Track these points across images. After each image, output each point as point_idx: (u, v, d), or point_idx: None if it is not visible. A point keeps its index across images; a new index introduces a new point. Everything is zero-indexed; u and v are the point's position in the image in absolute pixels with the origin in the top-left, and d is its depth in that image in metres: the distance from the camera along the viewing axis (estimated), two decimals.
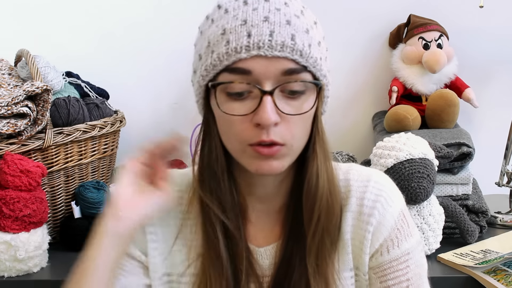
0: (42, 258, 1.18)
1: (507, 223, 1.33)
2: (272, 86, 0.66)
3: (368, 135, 1.61)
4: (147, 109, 1.61)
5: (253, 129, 0.66)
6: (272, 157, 0.68)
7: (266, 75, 0.65)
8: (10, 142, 1.17)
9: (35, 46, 1.38)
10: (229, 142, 0.71)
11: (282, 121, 0.67)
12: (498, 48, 1.55)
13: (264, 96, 0.65)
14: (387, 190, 0.78)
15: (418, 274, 0.78)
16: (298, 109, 0.68)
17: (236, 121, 0.67)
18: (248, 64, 0.65)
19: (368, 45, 1.58)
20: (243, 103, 0.67)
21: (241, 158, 0.70)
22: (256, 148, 0.67)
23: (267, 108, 0.65)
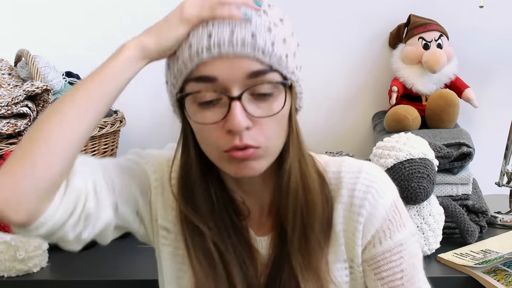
0: (42, 258, 1.18)
1: (507, 223, 1.33)
2: (239, 91, 0.66)
3: (368, 135, 1.61)
4: (147, 109, 1.61)
5: (226, 135, 0.67)
6: (248, 159, 0.68)
7: (231, 80, 0.65)
8: (10, 142, 1.17)
9: (35, 46, 1.38)
10: (206, 150, 0.71)
11: (254, 124, 0.67)
12: (498, 48, 1.55)
13: (233, 102, 0.65)
14: (379, 181, 0.78)
15: (412, 264, 0.78)
16: (268, 110, 0.68)
17: (209, 130, 0.68)
18: (212, 70, 0.65)
19: (368, 45, 1.58)
20: (214, 110, 0.67)
21: (220, 164, 0.71)
22: (231, 153, 0.67)
23: (236, 114, 0.65)
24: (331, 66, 1.58)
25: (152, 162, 0.81)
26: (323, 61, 1.57)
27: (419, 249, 0.81)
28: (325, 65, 1.57)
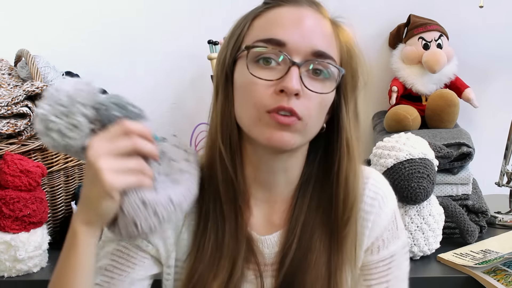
0: (42, 258, 1.18)
1: (507, 223, 1.33)
2: (301, 60, 0.70)
3: (368, 135, 1.61)
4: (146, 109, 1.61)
5: (275, 96, 0.69)
6: (287, 128, 0.69)
7: (298, 49, 0.70)
8: (10, 142, 1.17)
9: (35, 46, 1.38)
10: (246, 109, 0.72)
11: (303, 96, 0.70)
12: (498, 48, 1.55)
13: (293, 67, 0.69)
14: (384, 190, 0.82)
15: (398, 277, 0.81)
16: (320, 89, 0.71)
17: (260, 86, 0.70)
18: (284, 35, 0.70)
19: (368, 45, 1.57)
20: (270, 71, 0.70)
21: (255, 127, 0.71)
22: (273, 115, 0.69)
23: (293, 76, 0.68)
24: None
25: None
26: None
27: (406, 263, 0.83)
28: None
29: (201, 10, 1.54)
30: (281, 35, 0.70)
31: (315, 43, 0.70)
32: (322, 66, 0.71)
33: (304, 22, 0.71)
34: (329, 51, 0.72)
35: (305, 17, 0.72)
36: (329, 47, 0.72)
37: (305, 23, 0.71)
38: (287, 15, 0.72)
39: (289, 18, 0.71)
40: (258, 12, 0.74)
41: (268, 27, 0.72)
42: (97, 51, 1.59)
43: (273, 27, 0.71)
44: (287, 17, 0.71)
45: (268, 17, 0.73)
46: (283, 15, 0.72)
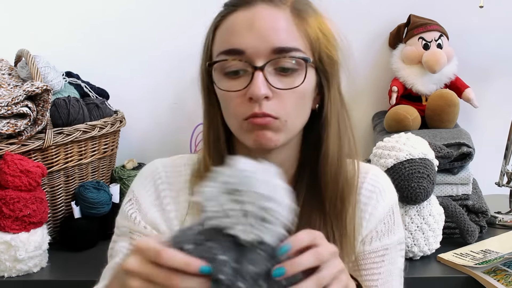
0: (42, 258, 1.18)
1: (507, 223, 1.33)
2: (263, 63, 0.70)
3: (368, 135, 1.61)
4: (147, 109, 1.61)
5: (247, 104, 0.71)
6: (266, 127, 0.71)
7: (257, 52, 0.70)
8: (10, 142, 1.17)
9: (35, 46, 1.38)
10: (229, 120, 0.75)
11: (275, 97, 0.71)
12: (498, 48, 1.55)
13: (256, 72, 0.70)
14: (384, 184, 0.83)
15: (390, 271, 0.81)
16: (289, 84, 0.72)
17: (232, 98, 0.72)
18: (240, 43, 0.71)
19: (368, 45, 1.58)
20: (238, 81, 0.72)
21: (240, 134, 0.74)
22: (250, 120, 0.71)
23: (257, 81, 0.69)
24: None
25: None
26: None
27: (401, 259, 0.84)
28: None
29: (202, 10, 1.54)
30: (238, 43, 0.71)
31: (272, 41, 0.70)
32: (286, 61, 0.71)
33: (257, 23, 0.71)
34: (290, 43, 0.71)
35: (257, 18, 0.71)
36: (289, 39, 0.72)
37: (258, 24, 0.71)
38: (239, 21, 0.72)
39: (242, 24, 0.72)
40: (217, 21, 0.75)
41: (226, 37, 0.73)
42: (97, 51, 1.59)
43: (230, 37, 0.72)
44: (240, 23, 0.72)
45: (225, 26, 0.74)
46: (236, 21, 0.72)
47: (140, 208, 0.81)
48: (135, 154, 1.58)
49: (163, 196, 0.81)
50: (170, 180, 0.82)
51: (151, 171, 0.84)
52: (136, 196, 0.82)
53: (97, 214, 1.30)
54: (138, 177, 0.85)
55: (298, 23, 0.73)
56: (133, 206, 0.82)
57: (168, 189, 0.81)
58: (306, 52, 0.73)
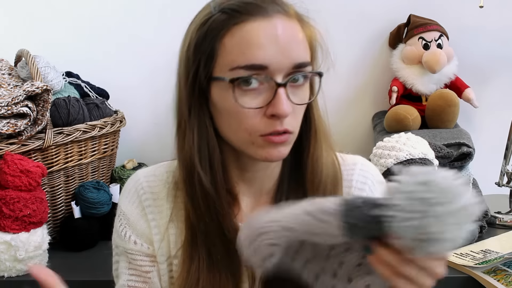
0: (42, 258, 1.18)
1: (507, 223, 1.33)
2: (283, 78, 0.68)
3: (368, 135, 1.61)
4: (147, 109, 1.61)
5: (266, 120, 0.69)
6: (282, 144, 0.70)
7: (280, 68, 0.68)
8: (10, 142, 1.17)
9: (35, 46, 1.38)
10: (234, 134, 0.71)
11: (292, 112, 0.70)
12: (498, 48, 1.55)
13: (279, 88, 0.68)
14: (374, 174, 0.83)
15: None
16: (303, 98, 0.71)
17: (248, 114, 0.68)
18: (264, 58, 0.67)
19: (368, 45, 1.58)
20: (254, 94, 0.68)
21: (248, 149, 0.71)
22: (268, 137, 0.69)
23: (283, 99, 0.67)
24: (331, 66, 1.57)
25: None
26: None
27: None
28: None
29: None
30: (261, 58, 0.66)
31: (294, 57, 0.68)
32: (301, 76, 0.70)
33: (280, 36, 0.67)
34: (306, 57, 0.70)
35: (279, 30, 0.68)
36: (305, 53, 0.71)
37: (281, 37, 0.67)
38: (260, 32, 0.67)
39: (264, 36, 0.67)
40: (227, 28, 0.69)
41: (244, 50, 0.67)
42: (97, 51, 1.59)
43: (250, 50, 0.67)
44: (261, 35, 0.67)
45: (241, 36, 0.67)
46: (256, 33, 0.67)
47: (129, 222, 0.81)
48: (135, 154, 1.58)
49: (147, 205, 0.81)
50: (153, 190, 0.82)
51: (133, 183, 0.83)
52: (123, 211, 0.82)
53: (97, 214, 1.30)
54: (122, 191, 0.85)
55: (305, 34, 0.72)
56: (122, 222, 0.82)
57: (151, 198, 0.81)
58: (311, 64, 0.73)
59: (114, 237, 0.84)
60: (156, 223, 0.81)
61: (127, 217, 0.82)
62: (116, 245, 0.84)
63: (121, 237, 0.82)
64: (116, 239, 0.83)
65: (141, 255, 0.81)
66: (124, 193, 0.84)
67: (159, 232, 0.80)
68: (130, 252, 0.81)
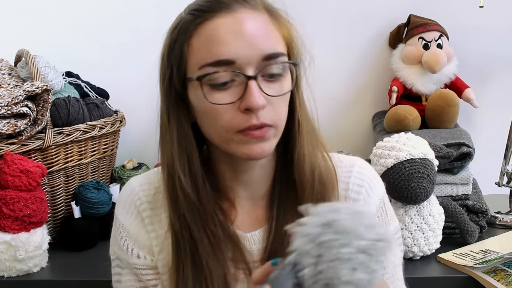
0: (42, 258, 1.18)
1: (507, 223, 1.33)
2: (254, 71, 0.68)
3: (368, 135, 1.61)
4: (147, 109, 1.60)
5: (241, 115, 0.68)
6: (262, 139, 0.69)
7: (248, 61, 0.67)
8: (10, 142, 1.17)
9: (35, 46, 1.38)
10: (214, 133, 0.71)
11: (268, 104, 0.69)
12: (498, 48, 1.55)
13: (249, 81, 0.67)
14: (371, 176, 0.81)
15: (393, 263, 0.80)
16: (280, 90, 0.70)
17: (222, 110, 0.68)
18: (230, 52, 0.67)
19: (368, 45, 1.58)
20: (227, 92, 0.68)
21: (228, 147, 0.71)
22: (246, 132, 0.69)
23: (254, 92, 0.67)
24: (331, 66, 1.58)
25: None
26: (323, 61, 1.57)
27: (400, 247, 0.83)
28: (325, 65, 1.57)
29: None
30: (227, 53, 0.66)
31: (262, 48, 0.67)
32: (274, 67, 0.69)
33: (244, 29, 0.67)
34: (277, 47, 0.69)
35: (243, 24, 0.67)
36: (275, 43, 0.70)
37: (246, 30, 0.67)
38: (225, 28, 0.67)
39: (229, 31, 0.67)
40: (192, 29, 0.70)
41: (211, 47, 0.67)
42: (97, 51, 1.59)
43: (216, 46, 0.67)
44: (226, 31, 0.67)
45: (207, 34, 0.68)
46: (221, 28, 0.67)
47: (129, 234, 0.80)
48: (135, 154, 1.58)
49: (145, 216, 0.80)
50: (149, 199, 0.80)
51: (129, 193, 0.82)
52: (122, 224, 0.81)
53: (97, 214, 1.30)
54: (119, 202, 0.83)
55: (276, 25, 0.71)
56: (122, 234, 0.81)
57: (149, 208, 0.80)
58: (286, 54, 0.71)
59: (114, 249, 0.83)
60: (155, 234, 0.79)
61: (126, 230, 0.80)
62: (117, 256, 0.82)
63: (124, 251, 0.80)
64: (117, 251, 0.82)
65: (146, 268, 0.80)
66: (120, 204, 0.82)
67: (158, 243, 0.79)
68: (136, 267, 0.80)
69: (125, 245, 0.80)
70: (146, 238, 0.79)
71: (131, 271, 0.80)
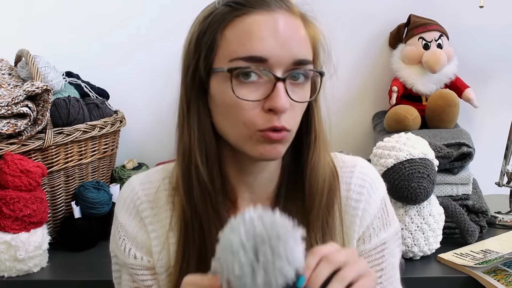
0: (42, 258, 1.18)
1: (507, 223, 1.33)
2: (283, 73, 0.68)
3: (368, 135, 1.61)
4: (147, 109, 1.61)
5: (264, 115, 0.68)
6: (280, 141, 0.69)
7: (280, 62, 0.67)
8: (10, 142, 1.17)
9: (35, 46, 1.38)
10: (232, 128, 0.70)
11: (290, 109, 0.69)
12: (498, 48, 1.55)
13: (278, 83, 0.67)
14: (372, 177, 0.81)
15: (392, 264, 0.80)
16: (303, 97, 0.70)
17: (247, 106, 0.68)
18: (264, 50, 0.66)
19: (368, 45, 1.58)
20: (252, 87, 0.68)
21: (245, 144, 0.70)
22: (266, 133, 0.68)
23: (281, 93, 0.67)
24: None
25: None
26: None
27: (399, 248, 0.83)
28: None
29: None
30: (261, 50, 0.66)
31: (295, 53, 0.68)
32: (302, 73, 0.69)
33: (281, 30, 0.67)
34: (307, 55, 0.70)
35: (280, 24, 0.68)
36: (306, 51, 0.70)
37: (282, 32, 0.67)
38: (262, 25, 0.67)
39: (265, 29, 0.67)
40: (228, 20, 0.69)
41: (245, 41, 0.67)
42: (97, 51, 1.59)
43: (251, 41, 0.67)
44: (263, 28, 0.67)
45: (243, 28, 0.68)
46: (258, 25, 0.67)
47: (128, 234, 0.80)
48: (135, 154, 1.58)
49: (145, 216, 0.79)
50: (149, 198, 0.80)
51: (129, 192, 0.81)
52: (121, 223, 0.81)
53: (97, 214, 1.30)
54: (118, 201, 0.83)
55: (308, 33, 0.72)
56: (120, 234, 0.80)
57: (149, 208, 0.79)
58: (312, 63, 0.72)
59: (112, 247, 0.83)
60: (156, 234, 0.79)
61: (125, 229, 0.80)
62: (115, 255, 0.83)
63: (121, 251, 0.80)
64: (115, 250, 0.82)
65: (142, 269, 0.79)
66: (120, 203, 0.82)
67: (159, 243, 0.79)
68: (131, 267, 0.80)
69: (122, 245, 0.80)
70: (145, 238, 0.79)
71: (127, 271, 0.81)
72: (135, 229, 0.80)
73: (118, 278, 0.83)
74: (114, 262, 0.84)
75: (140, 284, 0.80)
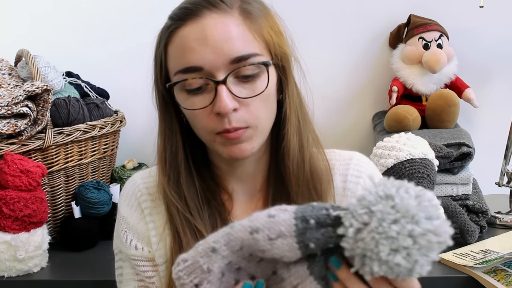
0: (42, 258, 1.18)
1: (507, 223, 1.33)
2: (223, 75, 0.69)
3: (368, 135, 1.61)
4: (147, 109, 1.60)
5: (216, 119, 0.70)
6: (239, 139, 0.71)
7: (216, 66, 0.69)
8: (10, 142, 1.17)
9: (35, 46, 1.38)
10: (200, 134, 0.75)
11: (242, 106, 0.70)
12: (498, 48, 1.55)
13: (218, 86, 0.69)
14: (368, 168, 0.83)
15: None
16: (253, 91, 0.71)
17: (200, 114, 0.71)
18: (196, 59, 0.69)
19: (368, 45, 1.58)
20: (202, 96, 0.71)
21: (213, 147, 0.74)
22: (223, 135, 0.71)
23: (222, 97, 0.68)
24: (331, 66, 1.58)
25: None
26: (323, 61, 1.57)
27: None
28: (325, 65, 1.57)
29: None
30: (194, 60, 0.69)
31: (228, 53, 0.68)
32: (246, 69, 0.69)
33: (209, 36, 0.68)
34: (247, 49, 0.70)
35: (208, 30, 0.69)
36: (246, 46, 0.70)
37: (210, 36, 0.68)
38: (191, 36, 0.69)
39: (194, 39, 0.69)
40: (167, 37, 0.72)
41: (180, 55, 0.70)
42: (97, 51, 1.59)
43: (184, 54, 0.69)
44: (192, 38, 0.69)
45: (177, 43, 0.71)
46: (188, 36, 0.69)
47: (129, 226, 0.82)
48: (135, 154, 1.58)
49: (145, 207, 0.82)
50: (150, 191, 0.82)
51: (131, 186, 0.84)
52: (123, 216, 0.83)
53: (97, 214, 1.30)
54: (121, 195, 0.85)
55: (250, 25, 0.71)
56: (122, 226, 0.82)
57: (149, 199, 0.82)
58: (263, 53, 0.71)
59: (116, 242, 0.85)
60: (154, 224, 0.80)
61: (127, 221, 0.82)
62: (119, 250, 0.84)
63: (123, 243, 0.82)
64: (119, 244, 0.83)
65: (143, 260, 0.81)
66: (123, 197, 0.84)
67: (156, 234, 0.80)
68: (133, 258, 0.81)
69: (124, 237, 0.82)
70: (144, 229, 0.81)
71: (130, 264, 0.82)
72: (136, 220, 0.81)
73: (120, 276, 0.84)
74: (117, 258, 0.85)
75: (142, 276, 0.81)
